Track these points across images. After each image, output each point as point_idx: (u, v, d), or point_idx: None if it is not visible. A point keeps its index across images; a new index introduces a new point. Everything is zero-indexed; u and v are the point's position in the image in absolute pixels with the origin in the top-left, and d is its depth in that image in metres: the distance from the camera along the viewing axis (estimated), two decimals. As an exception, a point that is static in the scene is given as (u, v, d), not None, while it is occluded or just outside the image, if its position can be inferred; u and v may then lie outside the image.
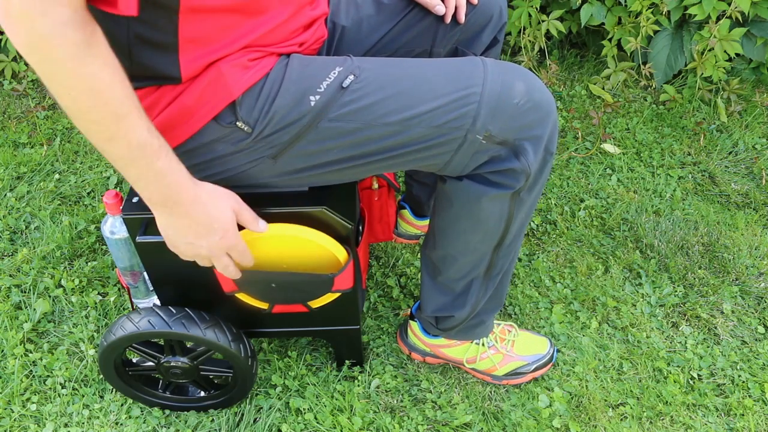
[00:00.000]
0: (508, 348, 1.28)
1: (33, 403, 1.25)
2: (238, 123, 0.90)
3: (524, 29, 1.93)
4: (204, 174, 0.97)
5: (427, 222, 1.52)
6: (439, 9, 1.11)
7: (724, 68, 1.83)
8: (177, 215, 0.88)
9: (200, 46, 0.85)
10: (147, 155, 0.81)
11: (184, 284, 1.13)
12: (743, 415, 1.25)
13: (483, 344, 1.27)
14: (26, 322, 1.38)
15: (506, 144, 0.94)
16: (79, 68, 0.72)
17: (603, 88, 1.98)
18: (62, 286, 1.45)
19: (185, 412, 1.24)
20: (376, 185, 1.31)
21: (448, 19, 1.13)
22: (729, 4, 1.73)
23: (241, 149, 0.93)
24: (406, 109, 0.91)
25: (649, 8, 1.80)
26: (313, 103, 0.90)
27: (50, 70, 0.73)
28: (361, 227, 1.15)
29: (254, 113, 0.90)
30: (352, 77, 0.91)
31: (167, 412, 1.24)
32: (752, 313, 1.42)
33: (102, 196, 1.65)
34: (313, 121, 0.91)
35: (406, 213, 1.53)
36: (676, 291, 1.46)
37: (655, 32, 1.87)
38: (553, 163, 1.04)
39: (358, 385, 1.28)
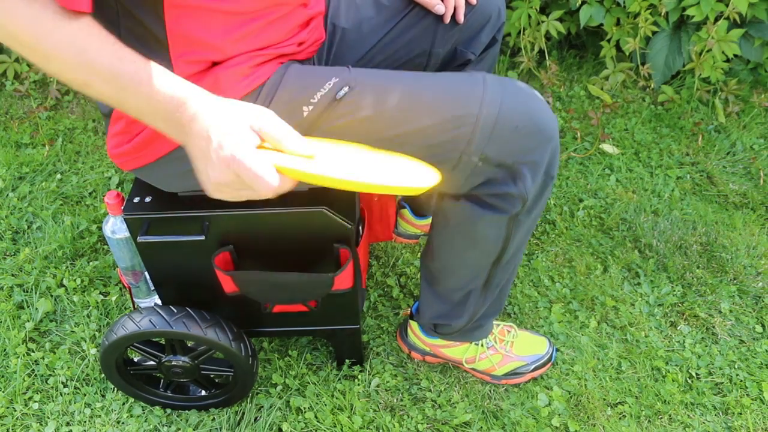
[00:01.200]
0: (507, 348, 1.28)
1: (35, 402, 1.26)
2: None
3: (524, 30, 1.94)
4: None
5: (427, 221, 1.53)
6: (439, 8, 1.11)
7: (722, 69, 1.84)
8: (188, 136, 0.74)
9: (189, 44, 0.85)
10: (126, 85, 0.72)
11: (185, 284, 1.14)
12: (741, 413, 1.25)
13: (482, 345, 1.27)
14: (28, 321, 1.38)
15: (504, 167, 0.93)
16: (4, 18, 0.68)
17: (602, 89, 1.99)
18: (64, 286, 1.46)
19: (186, 411, 1.24)
20: (376, 185, 1.32)
21: (448, 19, 1.14)
22: (727, 6, 1.74)
23: None
24: (399, 125, 0.89)
25: (648, 9, 1.81)
26: (305, 114, 0.89)
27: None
28: (361, 227, 1.16)
29: None
30: (346, 89, 0.89)
31: (168, 410, 1.25)
32: (750, 312, 1.43)
33: (103, 196, 1.66)
34: (306, 132, 0.89)
35: (406, 212, 1.54)
36: (674, 290, 1.47)
37: (654, 33, 1.88)
38: (553, 185, 1.02)
39: (358, 384, 1.29)
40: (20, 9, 0.69)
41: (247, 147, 0.70)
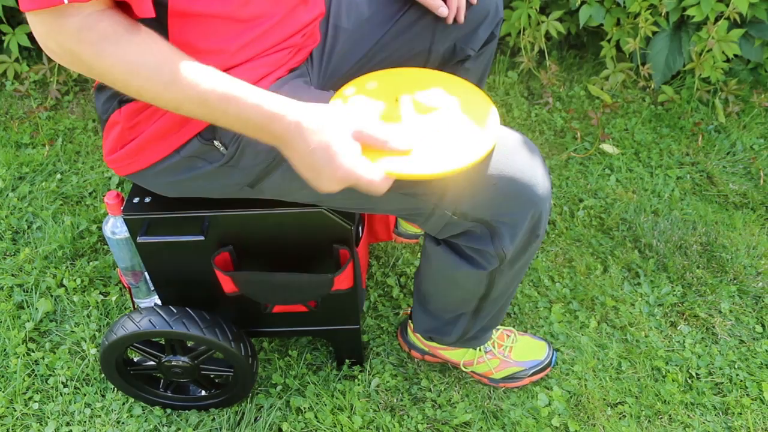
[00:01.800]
0: (506, 353, 1.28)
1: (35, 402, 1.26)
2: (215, 141, 0.90)
3: (524, 30, 1.93)
4: (192, 189, 0.98)
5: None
6: (443, 11, 1.10)
7: (722, 69, 1.83)
8: (284, 149, 0.80)
9: (191, 53, 0.83)
10: (215, 107, 0.76)
11: (185, 284, 1.14)
12: (741, 413, 1.25)
13: (480, 349, 1.27)
14: (28, 321, 1.38)
15: (482, 222, 0.91)
16: (106, 60, 0.72)
17: (602, 89, 1.99)
18: (64, 286, 1.46)
19: (186, 411, 1.24)
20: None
21: (450, 20, 1.14)
22: (727, 6, 1.74)
23: (218, 170, 0.93)
24: None
25: (648, 9, 1.81)
26: None
27: (90, 72, 0.74)
28: (360, 227, 1.16)
29: (229, 134, 0.90)
30: None
31: (168, 411, 1.25)
32: (750, 312, 1.43)
33: (103, 196, 1.66)
34: (280, 157, 0.88)
35: (406, 213, 1.54)
36: (674, 290, 1.47)
37: (654, 33, 1.88)
38: (540, 242, 0.99)
39: (358, 384, 1.29)
40: (108, 48, 0.72)
41: (357, 161, 0.77)
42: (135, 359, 1.20)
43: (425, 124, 0.87)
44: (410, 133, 0.84)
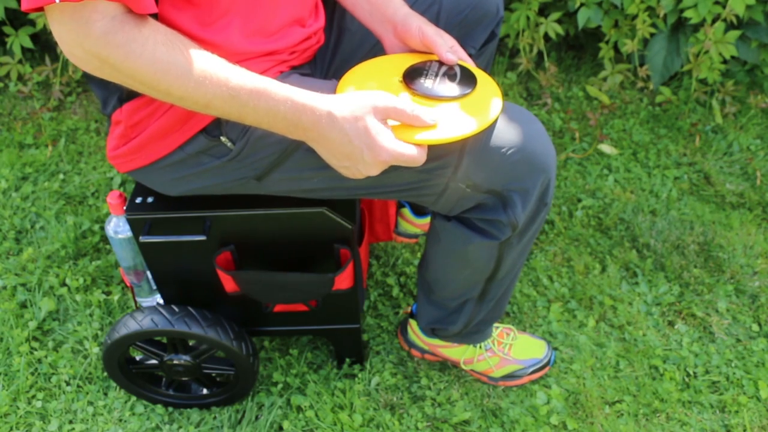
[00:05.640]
0: (506, 351, 1.29)
1: (38, 400, 1.27)
2: (222, 137, 0.91)
3: (523, 32, 1.95)
4: (195, 185, 0.99)
5: (427, 220, 1.54)
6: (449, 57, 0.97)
7: (719, 70, 1.85)
8: (314, 140, 0.83)
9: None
10: (246, 102, 0.78)
11: (187, 283, 1.15)
12: (737, 411, 1.27)
13: (480, 347, 1.28)
14: (31, 320, 1.39)
15: (493, 193, 0.93)
16: (136, 61, 0.73)
17: (600, 90, 2.00)
18: (67, 285, 1.47)
19: (188, 410, 1.25)
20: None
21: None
22: (724, 7, 1.75)
23: (225, 165, 0.94)
24: None
25: (646, 11, 1.82)
26: None
27: (119, 75, 0.75)
28: (362, 228, 1.17)
29: (236, 129, 0.91)
30: None
31: (170, 409, 1.26)
32: (746, 311, 1.44)
33: (106, 196, 1.67)
34: (291, 147, 0.90)
35: (406, 212, 1.55)
36: (671, 290, 1.48)
37: (652, 35, 1.89)
38: (548, 211, 1.01)
39: (359, 383, 1.30)
40: (137, 49, 0.73)
41: (393, 141, 0.80)
42: (137, 358, 1.21)
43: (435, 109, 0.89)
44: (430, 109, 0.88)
